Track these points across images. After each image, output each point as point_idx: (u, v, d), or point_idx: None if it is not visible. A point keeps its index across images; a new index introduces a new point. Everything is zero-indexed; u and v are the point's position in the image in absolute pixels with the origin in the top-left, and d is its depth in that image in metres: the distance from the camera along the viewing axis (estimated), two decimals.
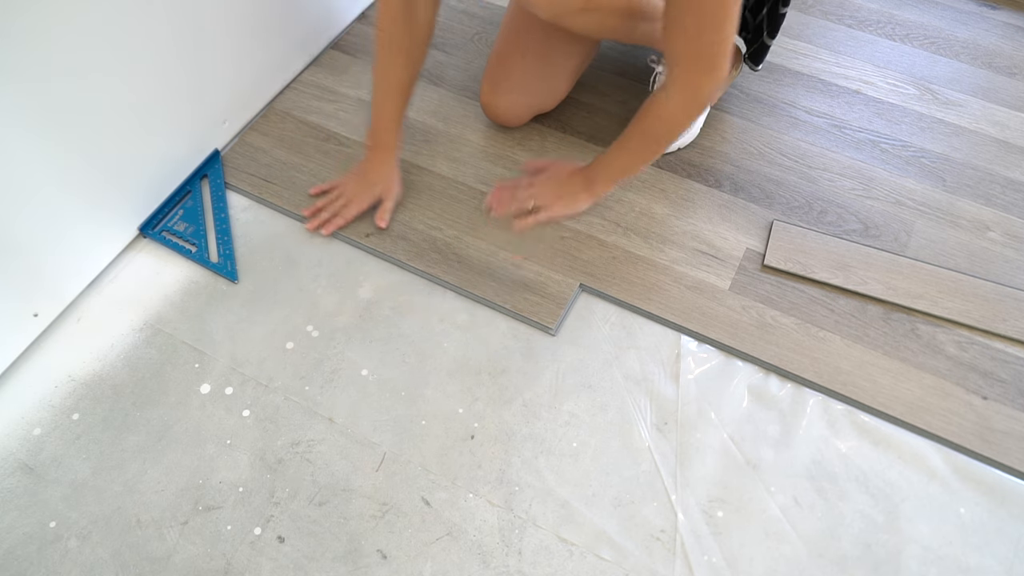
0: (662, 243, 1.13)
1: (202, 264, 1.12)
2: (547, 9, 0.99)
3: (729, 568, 0.88)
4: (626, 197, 1.18)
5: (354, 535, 0.90)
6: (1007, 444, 0.95)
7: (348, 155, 1.23)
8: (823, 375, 1.01)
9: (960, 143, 1.26)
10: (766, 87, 1.32)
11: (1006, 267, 1.11)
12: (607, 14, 1.02)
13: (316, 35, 1.36)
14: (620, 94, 1.28)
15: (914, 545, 0.89)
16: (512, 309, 1.07)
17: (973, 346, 1.03)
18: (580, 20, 1.02)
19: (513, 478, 0.94)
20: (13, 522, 0.91)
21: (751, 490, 0.93)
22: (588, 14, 1.01)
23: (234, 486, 0.93)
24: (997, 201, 1.19)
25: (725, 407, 0.99)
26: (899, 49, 1.41)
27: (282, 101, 1.31)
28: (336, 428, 0.98)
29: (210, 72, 1.15)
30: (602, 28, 1.08)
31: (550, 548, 0.89)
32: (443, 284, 1.10)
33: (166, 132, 1.12)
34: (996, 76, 1.37)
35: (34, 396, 1.00)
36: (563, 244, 1.13)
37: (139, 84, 1.03)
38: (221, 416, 0.98)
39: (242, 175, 1.21)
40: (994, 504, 0.92)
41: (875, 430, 0.98)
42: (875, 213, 1.17)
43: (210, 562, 0.88)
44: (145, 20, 1.00)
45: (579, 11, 1.00)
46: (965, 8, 1.48)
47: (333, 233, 1.14)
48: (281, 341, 1.05)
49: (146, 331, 1.06)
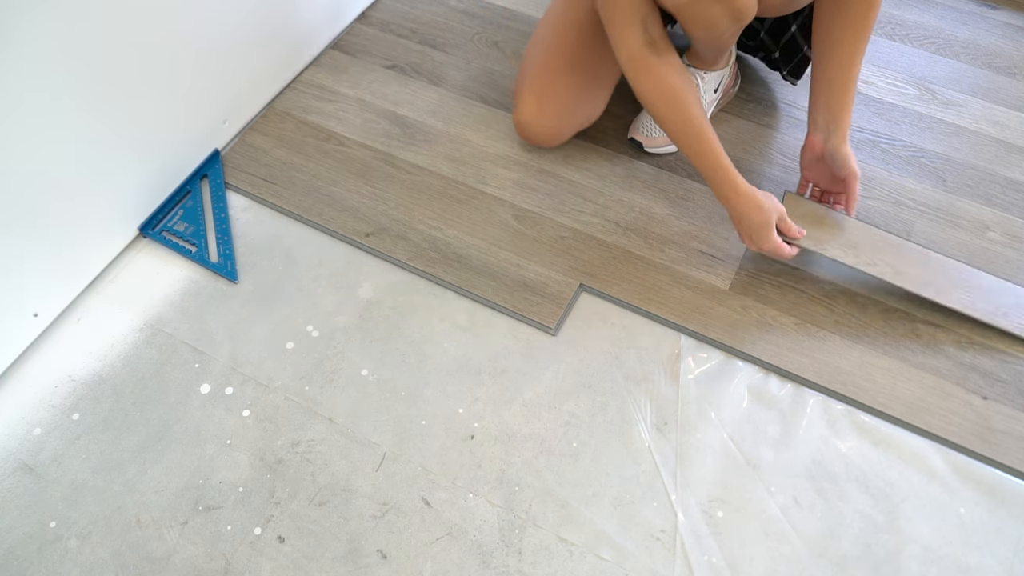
0: (662, 243, 1.13)
1: (202, 264, 1.12)
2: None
3: (729, 568, 0.88)
4: (626, 197, 1.18)
5: (354, 535, 0.90)
6: (1007, 444, 0.95)
7: (348, 155, 1.23)
8: (823, 375, 1.01)
9: (960, 143, 1.26)
10: (767, 90, 1.32)
11: (1006, 267, 1.11)
12: (728, 9, 0.96)
13: (316, 35, 1.36)
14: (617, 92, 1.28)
15: (914, 545, 0.89)
16: (512, 309, 1.07)
17: (973, 346, 1.03)
18: (706, 11, 0.96)
19: (513, 478, 0.94)
20: (13, 522, 0.91)
21: (751, 490, 0.93)
22: (717, 5, 0.94)
23: (234, 486, 0.93)
24: (997, 201, 1.19)
25: (725, 407, 0.99)
26: (899, 49, 1.41)
27: (282, 101, 1.31)
28: (336, 428, 0.98)
29: (210, 72, 1.15)
30: (713, 25, 1.00)
31: (550, 548, 0.89)
32: (443, 284, 1.10)
33: (166, 132, 1.12)
34: (996, 76, 1.37)
35: (34, 396, 1.00)
36: (563, 244, 1.13)
37: (139, 84, 1.03)
38: (221, 416, 0.98)
39: (242, 175, 1.21)
40: (994, 504, 0.92)
41: (875, 430, 0.98)
42: (875, 213, 1.17)
43: (210, 562, 0.88)
44: (145, 20, 1.00)
45: (713, 0, 0.94)
46: (965, 8, 1.48)
47: (333, 233, 1.14)
48: (281, 341, 1.05)
49: (146, 331, 1.06)
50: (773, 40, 1.17)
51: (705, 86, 1.19)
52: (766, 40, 1.17)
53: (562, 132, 1.19)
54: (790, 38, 1.14)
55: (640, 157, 1.23)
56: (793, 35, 1.13)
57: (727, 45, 1.13)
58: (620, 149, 1.24)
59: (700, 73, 1.18)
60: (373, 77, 1.34)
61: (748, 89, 1.32)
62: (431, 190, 1.19)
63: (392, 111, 1.29)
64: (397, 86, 1.33)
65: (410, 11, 1.45)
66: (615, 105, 1.24)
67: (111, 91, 0.99)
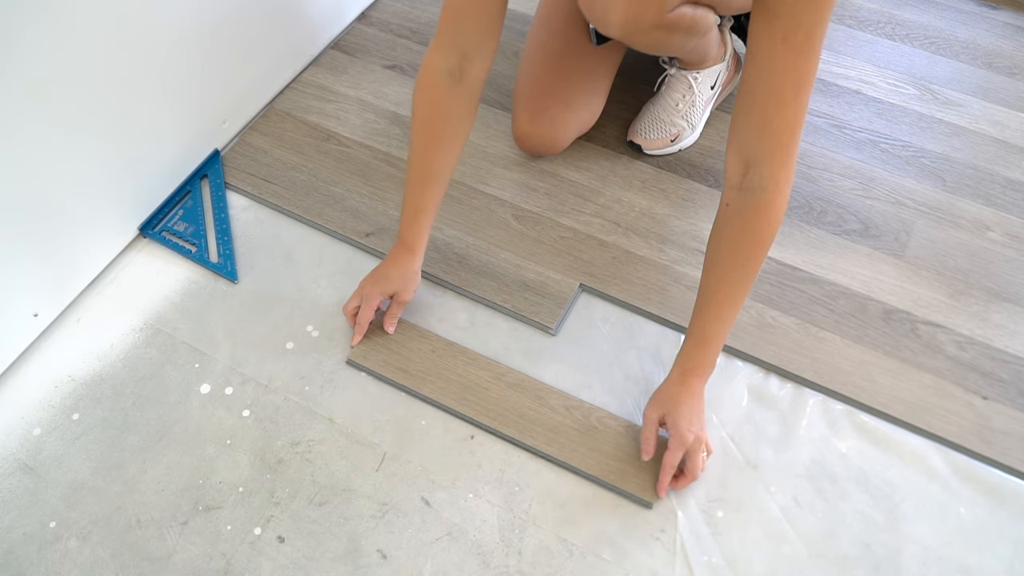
0: (662, 243, 1.13)
1: (202, 264, 1.12)
2: (622, 27, 0.93)
3: (729, 568, 0.88)
4: (626, 197, 1.18)
5: (354, 535, 0.90)
6: (1007, 444, 0.95)
7: (348, 155, 1.23)
8: (823, 375, 1.01)
9: (960, 143, 1.26)
10: None
11: (1006, 267, 1.11)
12: (673, 31, 0.98)
13: (316, 35, 1.36)
14: (617, 93, 1.28)
15: (914, 545, 0.89)
16: (512, 309, 1.07)
17: (973, 346, 1.03)
18: (649, 37, 0.97)
19: (513, 478, 0.94)
20: (13, 522, 0.91)
21: (751, 490, 0.93)
22: (658, 31, 0.96)
23: (234, 486, 0.93)
24: (997, 201, 1.19)
25: (725, 407, 0.99)
26: (899, 49, 1.41)
27: (282, 101, 1.31)
28: (336, 428, 0.98)
29: (210, 72, 1.15)
30: (664, 44, 1.03)
31: (550, 548, 0.89)
32: (443, 284, 1.10)
33: (166, 132, 1.12)
34: (996, 76, 1.37)
35: (34, 396, 1.00)
36: (563, 244, 1.13)
37: (139, 84, 1.03)
38: (221, 416, 0.98)
39: (242, 175, 1.21)
40: (994, 504, 0.92)
41: (875, 430, 0.98)
42: (875, 213, 1.17)
43: (210, 562, 0.88)
44: (145, 21, 1.00)
45: (651, 28, 0.95)
46: (965, 8, 1.48)
47: (333, 233, 1.14)
48: (281, 341, 1.05)
49: (146, 331, 1.06)
50: None
51: (700, 86, 1.19)
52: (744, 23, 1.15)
53: (558, 142, 1.19)
54: None
55: (640, 157, 1.23)
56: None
57: (701, 50, 1.12)
58: (620, 149, 1.24)
59: (692, 74, 1.18)
60: (373, 77, 1.34)
61: None
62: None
63: (392, 111, 1.29)
64: (397, 86, 1.33)
65: (410, 11, 1.45)
66: (615, 106, 1.24)
67: (111, 91, 0.99)
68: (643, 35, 0.96)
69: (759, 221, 0.82)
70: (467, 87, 0.93)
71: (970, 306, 1.07)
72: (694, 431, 0.89)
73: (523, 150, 1.22)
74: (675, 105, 1.20)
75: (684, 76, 1.19)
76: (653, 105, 1.22)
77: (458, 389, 0.99)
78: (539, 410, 0.98)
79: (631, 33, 0.96)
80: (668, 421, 0.90)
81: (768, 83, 0.76)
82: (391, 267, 1.01)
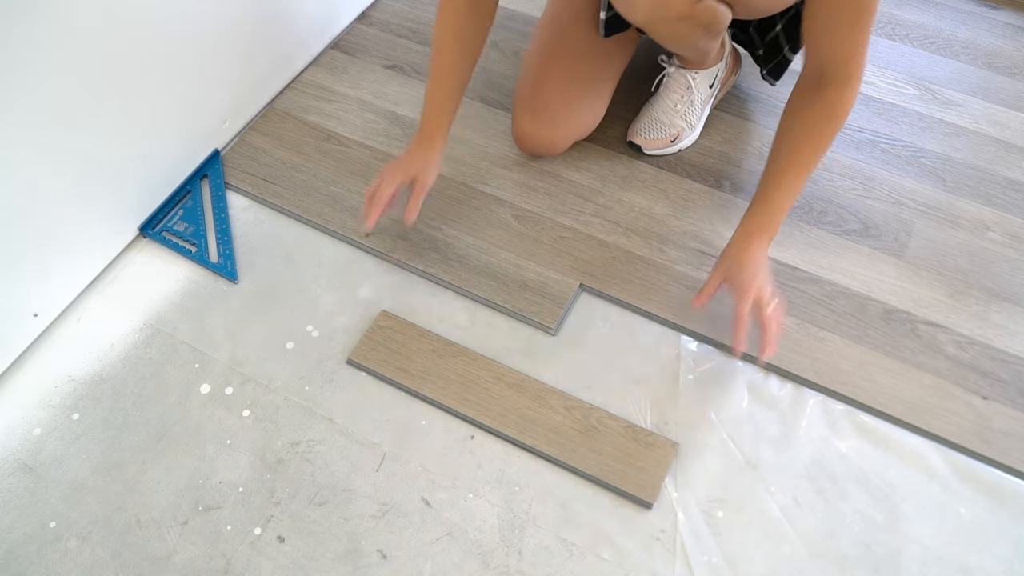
0: (662, 243, 1.13)
1: (202, 264, 1.12)
2: (649, 13, 0.93)
3: (729, 568, 0.88)
4: (626, 197, 1.18)
5: (354, 535, 0.90)
6: (1007, 444, 0.95)
7: (348, 155, 1.23)
8: (823, 375, 1.01)
9: (960, 143, 1.26)
10: (766, 87, 1.32)
11: (1006, 267, 1.11)
12: (696, 24, 0.95)
13: (316, 35, 1.36)
14: (617, 93, 1.28)
15: (914, 545, 0.89)
16: (512, 309, 1.07)
17: (973, 346, 1.03)
18: (672, 27, 0.96)
19: (513, 478, 0.94)
20: (13, 522, 0.91)
21: (751, 490, 0.93)
22: (683, 22, 0.94)
23: (234, 486, 0.93)
24: (997, 201, 1.19)
25: (725, 407, 0.99)
26: (899, 49, 1.41)
27: (282, 101, 1.31)
28: (336, 428, 0.98)
29: (210, 72, 1.15)
30: (684, 37, 1.01)
31: (550, 548, 0.89)
32: (443, 284, 1.10)
33: (166, 132, 1.12)
34: (996, 76, 1.37)
35: (34, 396, 1.00)
36: (563, 244, 1.13)
37: (139, 84, 1.03)
38: (221, 416, 0.98)
39: (242, 175, 1.21)
40: (994, 504, 0.92)
41: (875, 430, 0.98)
42: (875, 213, 1.17)
43: (210, 562, 0.88)
44: (145, 20, 1.00)
45: (677, 18, 0.93)
46: (965, 8, 1.48)
47: (333, 233, 1.14)
48: (281, 341, 1.05)
49: (146, 331, 1.06)
50: (760, 36, 1.15)
51: (698, 86, 1.19)
52: (754, 35, 1.15)
53: (559, 144, 1.19)
54: (774, 37, 1.12)
55: (640, 157, 1.23)
56: (777, 35, 1.11)
57: (708, 50, 1.12)
58: (620, 149, 1.24)
59: (690, 74, 1.18)
60: (373, 77, 1.34)
61: (748, 89, 1.32)
62: (431, 190, 1.19)
63: (392, 111, 1.29)
64: (397, 86, 1.33)
65: (410, 11, 1.45)
66: (615, 106, 1.24)
67: (111, 91, 0.99)
68: (667, 24, 0.95)
69: (836, 107, 0.93)
70: (483, 11, 1.03)
71: (970, 306, 1.07)
72: (757, 283, 0.94)
73: (523, 151, 1.22)
74: (673, 106, 1.20)
75: (682, 75, 1.19)
76: (652, 106, 1.22)
77: (458, 389, 0.99)
78: (539, 410, 0.98)
79: (656, 21, 0.95)
80: (730, 276, 0.96)
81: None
82: (413, 151, 1.06)
